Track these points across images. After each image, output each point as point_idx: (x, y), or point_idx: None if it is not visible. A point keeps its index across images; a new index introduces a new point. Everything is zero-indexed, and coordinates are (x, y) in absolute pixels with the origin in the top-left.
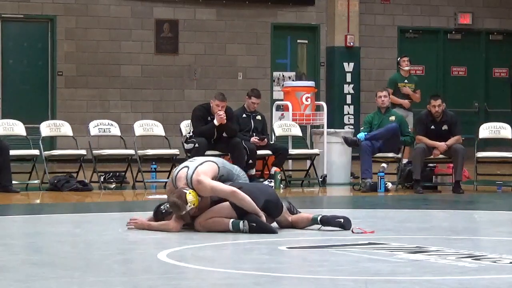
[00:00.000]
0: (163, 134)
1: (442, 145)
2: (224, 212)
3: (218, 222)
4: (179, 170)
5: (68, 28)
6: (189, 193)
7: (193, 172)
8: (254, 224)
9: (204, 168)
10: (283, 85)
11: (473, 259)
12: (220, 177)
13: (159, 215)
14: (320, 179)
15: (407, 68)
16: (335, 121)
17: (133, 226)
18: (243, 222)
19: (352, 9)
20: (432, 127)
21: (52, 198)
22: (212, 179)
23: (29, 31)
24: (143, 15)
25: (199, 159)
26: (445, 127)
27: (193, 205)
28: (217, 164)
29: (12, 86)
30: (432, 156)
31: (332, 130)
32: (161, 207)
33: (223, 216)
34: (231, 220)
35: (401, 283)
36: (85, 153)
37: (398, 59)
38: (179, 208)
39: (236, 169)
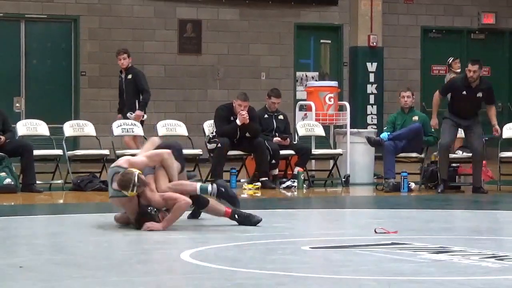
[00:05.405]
0: (186, 134)
1: (434, 125)
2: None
3: (186, 185)
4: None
5: (91, 28)
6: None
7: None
8: (223, 189)
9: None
10: (306, 85)
11: (497, 259)
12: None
13: (147, 216)
14: (343, 179)
15: (458, 70)
16: (358, 121)
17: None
18: (212, 185)
19: (375, 9)
20: (464, 92)
21: (75, 198)
22: None
23: (52, 31)
24: (166, 15)
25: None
26: (479, 94)
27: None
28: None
29: (36, 86)
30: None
31: (355, 130)
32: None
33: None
34: (199, 183)
35: (424, 283)
36: (108, 153)
37: (450, 61)
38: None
39: None
